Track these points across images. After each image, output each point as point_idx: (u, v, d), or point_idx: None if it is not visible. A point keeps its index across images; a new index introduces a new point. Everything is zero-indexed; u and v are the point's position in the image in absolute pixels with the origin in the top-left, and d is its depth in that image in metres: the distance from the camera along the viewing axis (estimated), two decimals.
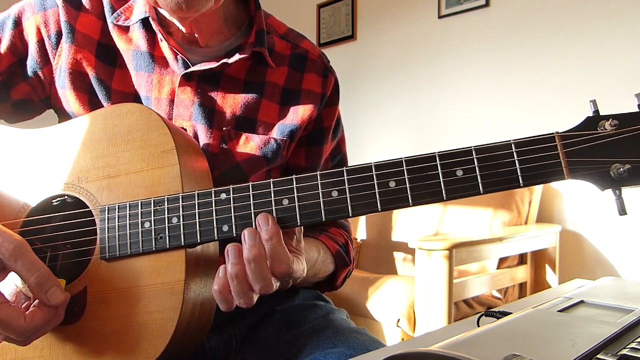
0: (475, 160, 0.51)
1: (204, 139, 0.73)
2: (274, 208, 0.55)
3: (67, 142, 0.65)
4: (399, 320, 1.82)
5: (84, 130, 0.65)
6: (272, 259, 0.54)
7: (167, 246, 0.57)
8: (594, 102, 0.50)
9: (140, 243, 0.58)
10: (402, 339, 1.81)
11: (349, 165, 0.79)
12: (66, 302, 0.55)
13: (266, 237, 0.53)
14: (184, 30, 0.74)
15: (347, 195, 0.53)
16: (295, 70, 0.80)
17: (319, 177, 0.54)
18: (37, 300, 0.53)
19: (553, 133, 0.50)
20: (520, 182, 0.50)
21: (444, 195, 0.51)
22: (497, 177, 0.50)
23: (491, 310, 0.59)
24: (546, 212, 2.36)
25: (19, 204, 0.64)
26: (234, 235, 0.56)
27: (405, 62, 2.90)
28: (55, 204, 0.64)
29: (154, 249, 0.57)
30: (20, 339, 0.53)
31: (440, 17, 2.73)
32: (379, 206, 0.52)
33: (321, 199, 0.54)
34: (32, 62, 0.74)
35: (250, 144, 0.75)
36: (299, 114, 0.78)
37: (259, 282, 0.53)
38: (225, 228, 0.56)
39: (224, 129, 0.74)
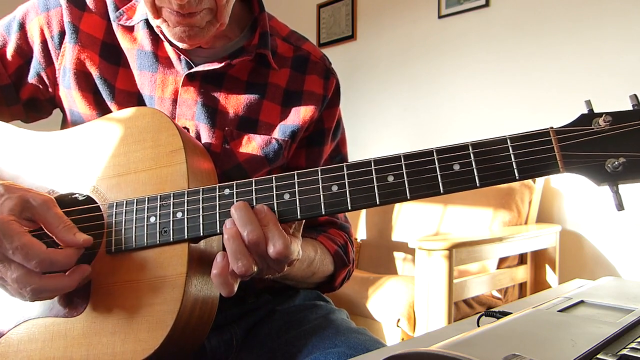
0: (471, 154, 0.51)
1: (206, 138, 0.74)
2: (275, 202, 0.56)
3: (81, 144, 0.67)
4: (399, 320, 1.82)
5: (98, 132, 0.67)
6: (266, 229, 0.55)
7: (171, 240, 0.58)
8: (588, 102, 0.51)
9: (145, 237, 0.59)
10: (402, 339, 1.81)
11: None
12: (86, 271, 0.57)
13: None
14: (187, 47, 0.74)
15: (347, 189, 0.54)
16: (297, 72, 0.80)
17: (319, 172, 0.55)
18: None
19: (548, 128, 0.50)
20: (516, 175, 0.50)
21: (441, 188, 0.52)
22: (493, 170, 0.51)
23: (491, 310, 0.60)
24: (546, 212, 2.36)
25: None
26: None
27: (405, 62, 2.90)
28: (67, 201, 0.65)
29: (158, 242, 0.59)
30: (37, 269, 0.53)
31: (440, 17, 2.73)
32: (377, 200, 0.53)
33: (321, 193, 0.55)
34: (36, 63, 0.75)
35: (252, 144, 0.75)
36: (300, 115, 0.78)
37: (251, 230, 0.54)
38: None
39: (226, 129, 0.74)
